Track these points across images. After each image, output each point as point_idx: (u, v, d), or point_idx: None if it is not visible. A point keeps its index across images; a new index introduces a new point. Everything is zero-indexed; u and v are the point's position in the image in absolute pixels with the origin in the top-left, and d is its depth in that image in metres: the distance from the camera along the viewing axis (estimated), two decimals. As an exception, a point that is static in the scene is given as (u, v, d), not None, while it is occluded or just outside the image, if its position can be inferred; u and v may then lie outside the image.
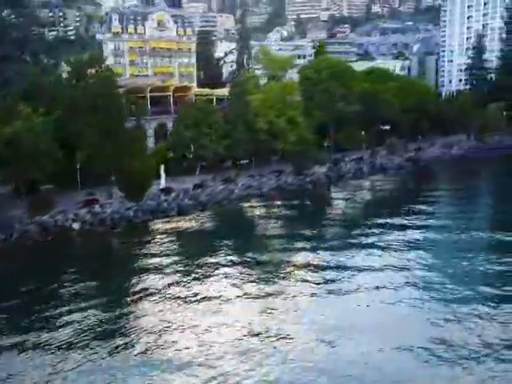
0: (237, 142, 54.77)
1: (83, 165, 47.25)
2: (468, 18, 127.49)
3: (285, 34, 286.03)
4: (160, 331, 25.76)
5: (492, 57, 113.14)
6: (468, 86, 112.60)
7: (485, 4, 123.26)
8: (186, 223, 46.02)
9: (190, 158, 53.71)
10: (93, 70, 52.91)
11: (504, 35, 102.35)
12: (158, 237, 42.38)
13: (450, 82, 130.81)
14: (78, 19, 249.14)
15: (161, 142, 62.00)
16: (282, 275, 33.42)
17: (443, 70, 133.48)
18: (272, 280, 32.55)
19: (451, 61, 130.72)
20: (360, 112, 65.96)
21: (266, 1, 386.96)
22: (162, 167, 51.59)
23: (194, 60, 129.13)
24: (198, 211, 48.99)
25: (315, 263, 35.26)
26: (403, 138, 78.40)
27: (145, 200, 47.60)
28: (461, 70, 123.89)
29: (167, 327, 26.22)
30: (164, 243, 40.72)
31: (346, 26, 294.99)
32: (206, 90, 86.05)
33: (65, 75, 62.03)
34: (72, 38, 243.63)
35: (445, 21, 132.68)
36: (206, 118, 53.23)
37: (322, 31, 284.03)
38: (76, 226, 41.56)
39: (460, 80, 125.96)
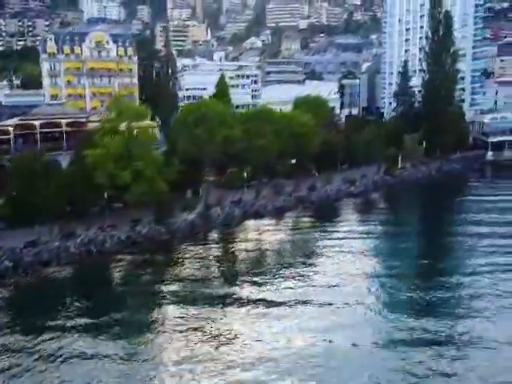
0: (77, 195, 53.79)
1: None
2: (406, 40, 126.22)
3: (259, 43, 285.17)
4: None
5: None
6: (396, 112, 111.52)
7: (421, 27, 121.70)
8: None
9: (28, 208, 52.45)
10: None
11: (424, 63, 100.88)
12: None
13: (390, 104, 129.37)
14: (47, 29, 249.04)
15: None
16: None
17: (384, 92, 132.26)
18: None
19: (391, 83, 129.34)
20: (231, 156, 64.85)
21: (253, 7, 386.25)
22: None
23: (135, 80, 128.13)
24: (16, 276, 47.71)
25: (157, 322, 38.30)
26: (294, 177, 77.24)
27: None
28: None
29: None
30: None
31: (321, 35, 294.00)
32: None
33: None
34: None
35: (385, 42, 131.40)
36: (43, 169, 52.03)
37: (297, 41, 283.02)
38: None
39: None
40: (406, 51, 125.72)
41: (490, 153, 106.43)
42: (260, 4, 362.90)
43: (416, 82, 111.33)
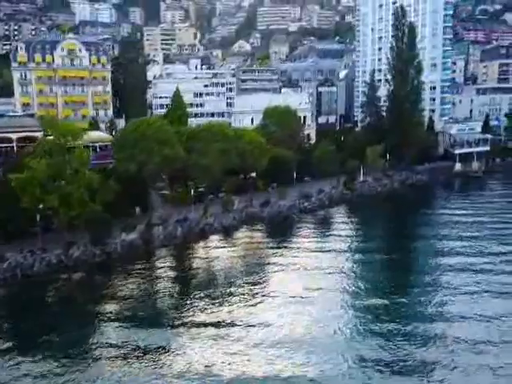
0: (5, 218, 53.20)
1: None
2: (379, 49, 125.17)
3: (247, 47, 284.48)
4: None
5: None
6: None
7: (392, 36, 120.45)
8: None
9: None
10: None
11: (389, 76, 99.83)
12: None
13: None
14: (33, 33, 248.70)
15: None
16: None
17: (358, 101, 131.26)
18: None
19: (364, 92, 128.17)
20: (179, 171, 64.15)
21: (246, 9, 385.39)
22: None
23: (109, 88, 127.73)
24: None
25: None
26: (248, 192, 76.37)
27: None
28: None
29: None
30: None
31: (312, 38, 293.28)
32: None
33: None
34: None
35: (359, 50, 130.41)
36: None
37: (286, 44, 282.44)
38: None
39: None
40: (379, 60, 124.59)
41: (457, 164, 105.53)
42: (253, 7, 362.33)
43: (384, 92, 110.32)
